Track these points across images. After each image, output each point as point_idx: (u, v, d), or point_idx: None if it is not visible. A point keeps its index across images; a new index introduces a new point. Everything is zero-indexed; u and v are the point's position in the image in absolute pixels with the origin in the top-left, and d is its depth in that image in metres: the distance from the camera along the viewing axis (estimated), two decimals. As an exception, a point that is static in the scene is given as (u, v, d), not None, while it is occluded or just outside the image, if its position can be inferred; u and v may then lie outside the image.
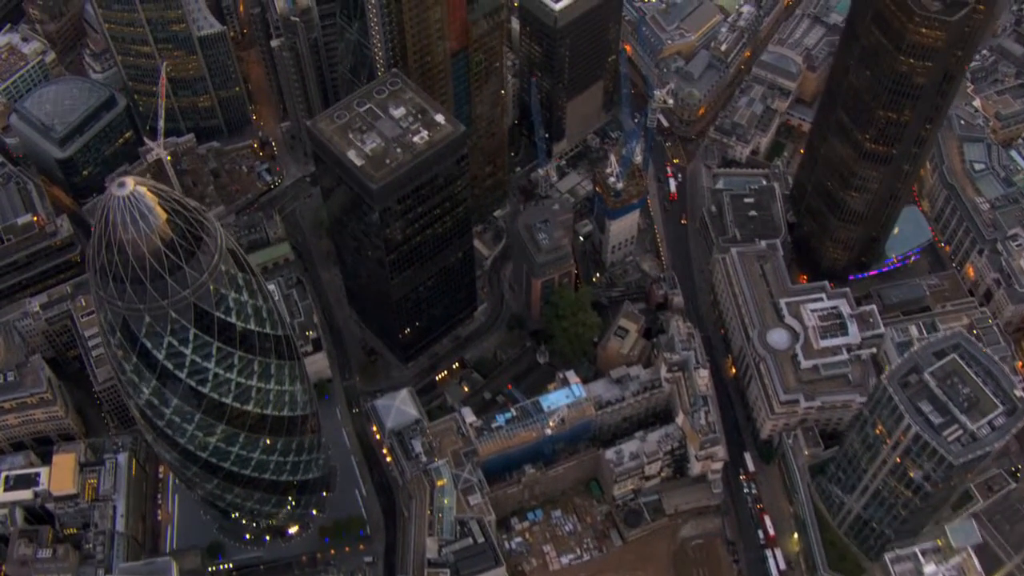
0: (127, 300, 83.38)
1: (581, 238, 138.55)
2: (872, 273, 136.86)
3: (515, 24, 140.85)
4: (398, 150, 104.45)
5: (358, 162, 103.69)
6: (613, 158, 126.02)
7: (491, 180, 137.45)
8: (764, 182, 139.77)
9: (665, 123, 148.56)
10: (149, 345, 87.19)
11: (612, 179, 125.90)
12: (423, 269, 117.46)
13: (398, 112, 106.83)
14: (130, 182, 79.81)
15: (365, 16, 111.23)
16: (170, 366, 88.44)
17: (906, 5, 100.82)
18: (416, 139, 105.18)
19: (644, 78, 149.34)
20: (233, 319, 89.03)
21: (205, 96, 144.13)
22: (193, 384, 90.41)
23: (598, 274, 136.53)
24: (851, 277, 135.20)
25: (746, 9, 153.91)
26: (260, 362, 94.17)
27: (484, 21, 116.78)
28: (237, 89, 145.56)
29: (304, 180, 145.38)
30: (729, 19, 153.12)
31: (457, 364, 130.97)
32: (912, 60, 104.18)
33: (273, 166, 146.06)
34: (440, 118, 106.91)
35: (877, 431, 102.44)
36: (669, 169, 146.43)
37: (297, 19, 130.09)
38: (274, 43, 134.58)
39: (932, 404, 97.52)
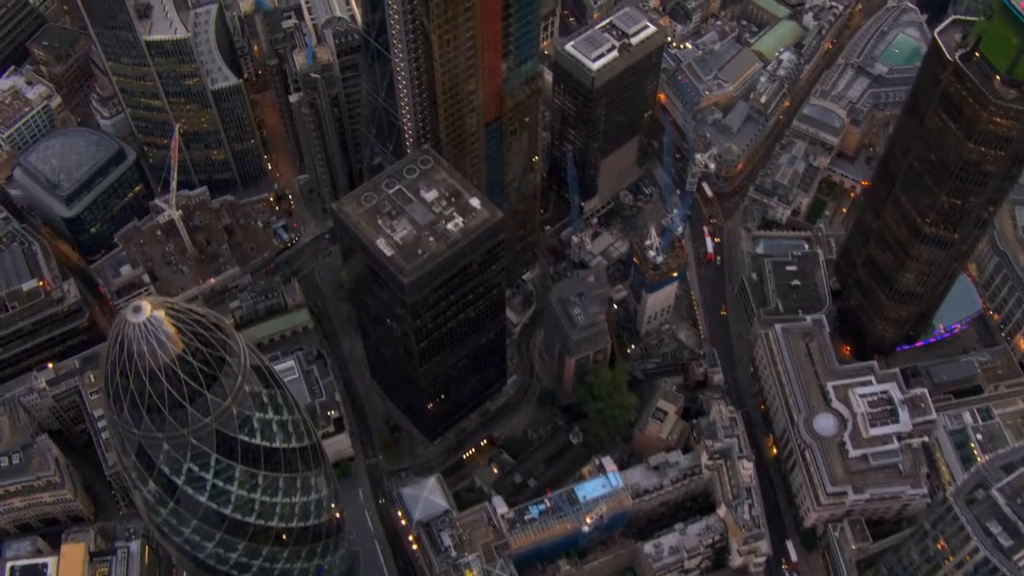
0: (144, 428, 76.98)
1: (615, 305, 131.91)
2: (918, 344, 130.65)
3: (546, 75, 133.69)
4: (431, 239, 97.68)
5: (388, 252, 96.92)
6: (653, 230, 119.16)
7: (521, 243, 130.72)
8: (806, 246, 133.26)
9: (709, 192, 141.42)
10: (167, 471, 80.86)
11: (651, 252, 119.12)
12: (453, 353, 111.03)
13: (430, 195, 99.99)
14: (147, 306, 73.05)
15: (394, 86, 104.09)
16: (190, 491, 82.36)
17: (979, 92, 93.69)
18: (450, 226, 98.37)
19: (681, 132, 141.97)
20: (258, 440, 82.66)
21: (219, 149, 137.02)
22: (214, 506, 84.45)
23: (633, 345, 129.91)
24: (896, 348, 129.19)
25: (786, 57, 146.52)
26: (286, 478, 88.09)
27: (520, 90, 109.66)
28: (252, 142, 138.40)
29: (323, 237, 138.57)
30: (768, 67, 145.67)
31: (485, 441, 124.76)
32: (983, 148, 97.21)
33: (290, 222, 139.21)
34: (475, 202, 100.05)
35: (939, 546, 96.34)
36: (706, 228, 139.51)
37: (318, 75, 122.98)
38: (292, 98, 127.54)
39: (1001, 525, 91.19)
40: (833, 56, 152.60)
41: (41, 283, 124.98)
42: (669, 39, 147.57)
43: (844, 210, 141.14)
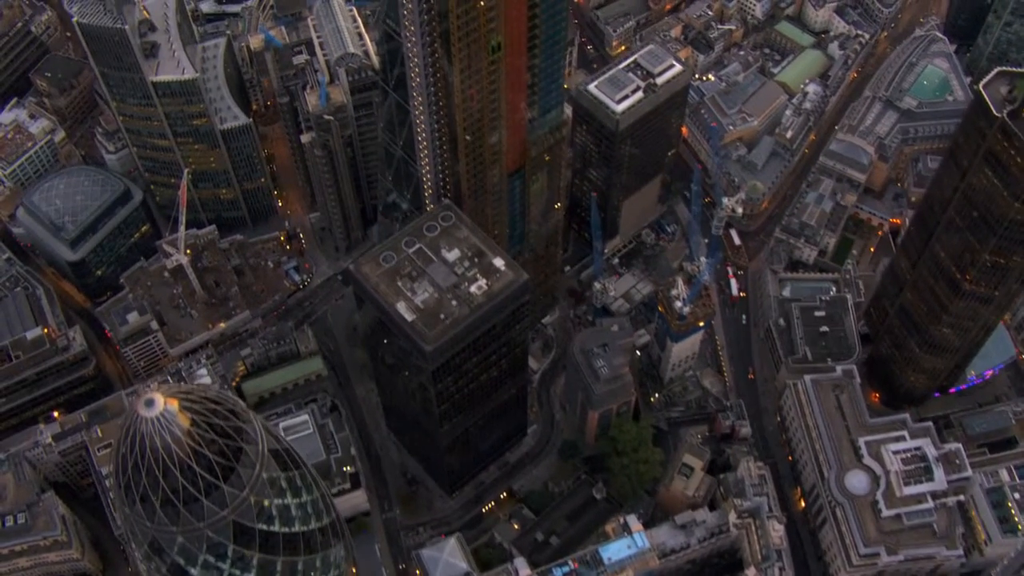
0: (158, 522, 73.24)
1: (637, 351, 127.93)
2: (950, 391, 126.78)
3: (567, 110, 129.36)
4: (453, 303, 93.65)
5: (409, 317, 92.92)
6: (680, 281, 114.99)
7: (541, 287, 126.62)
8: (834, 289, 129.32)
9: (736, 240, 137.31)
10: (182, 561, 77.10)
11: (678, 303, 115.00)
12: (474, 412, 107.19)
13: (452, 255, 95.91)
14: (159, 400, 69.02)
15: (413, 138, 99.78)
16: (205, 580, 78.85)
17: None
18: (473, 289, 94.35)
19: (705, 168, 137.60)
20: (276, 527, 78.91)
21: (228, 188, 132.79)
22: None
23: (656, 394, 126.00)
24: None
25: (811, 89, 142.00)
26: (305, 560, 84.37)
27: (545, 138, 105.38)
28: (263, 180, 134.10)
29: (336, 278, 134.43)
30: (794, 100, 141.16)
31: (505, 494, 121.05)
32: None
33: (302, 262, 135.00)
34: (499, 262, 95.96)
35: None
36: (730, 269, 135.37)
37: (331, 118, 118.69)
38: (305, 138, 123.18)
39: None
40: (859, 86, 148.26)
41: (46, 330, 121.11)
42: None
43: (872, 249, 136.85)
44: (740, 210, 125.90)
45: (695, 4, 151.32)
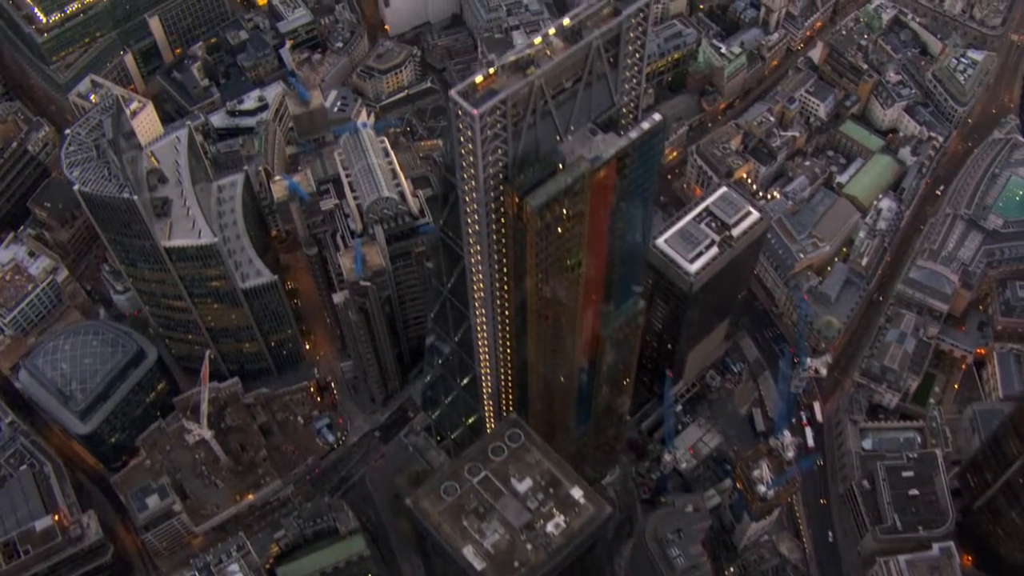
0: None
1: (708, 521, 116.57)
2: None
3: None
4: (528, 546, 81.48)
5: (479, 566, 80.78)
6: (765, 466, 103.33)
7: (603, 445, 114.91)
8: (919, 439, 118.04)
9: (819, 414, 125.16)
10: None
11: (761, 487, 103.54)
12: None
13: (523, 485, 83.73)
14: None
15: (474, 345, 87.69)
16: None
17: None
18: (550, 528, 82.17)
19: (771, 297, 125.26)
20: None
21: (252, 343, 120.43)
22: None
23: (731, 567, 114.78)
24: None
25: (885, 205, 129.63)
26: None
27: (620, 330, 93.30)
28: (290, 331, 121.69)
29: (373, 435, 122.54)
30: (867, 219, 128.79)
31: None
32: None
33: (335, 418, 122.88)
34: (578, 494, 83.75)
35: None
36: (804, 415, 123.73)
37: (368, 283, 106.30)
38: (337, 298, 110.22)
39: None
40: (933, 193, 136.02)
41: (56, 517, 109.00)
42: (754, 186, 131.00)
43: (956, 386, 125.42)
44: (824, 371, 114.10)
45: (754, 107, 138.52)
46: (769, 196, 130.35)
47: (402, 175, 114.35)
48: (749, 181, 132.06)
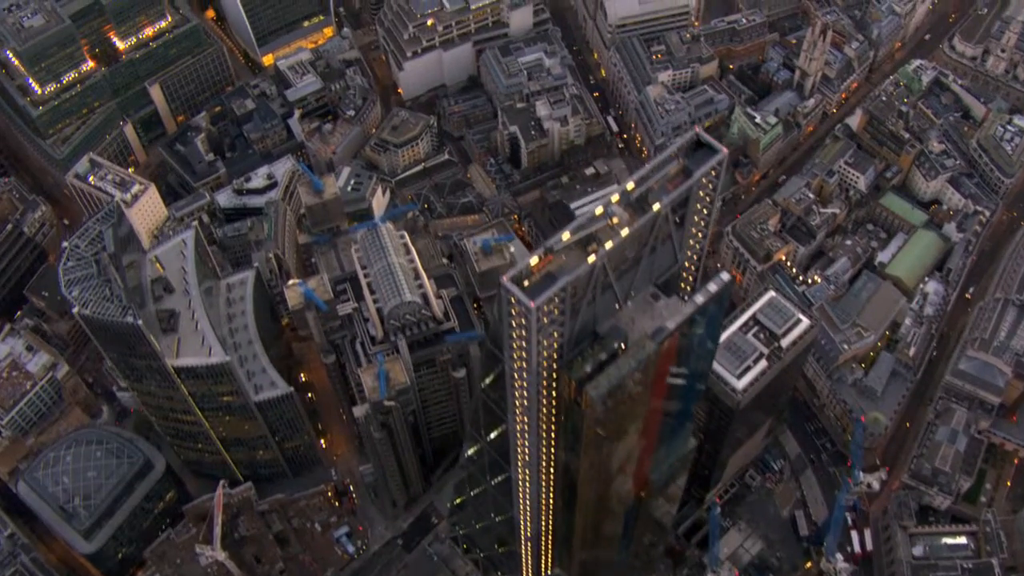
0: None
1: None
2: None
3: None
4: None
5: None
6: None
7: (643, 554, 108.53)
8: (972, 545, 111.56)
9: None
10: None
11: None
12: None
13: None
14: None
15: (514, 494, 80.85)
16: None
17: None
18: None
19: (812, 389, 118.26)
20: None
21: (266, 451, 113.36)
22: None
23: None
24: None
25: (931, 289, 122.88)
26: None
27: (672, 466, 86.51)
28: (306, 437, 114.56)
29: (395, 543, 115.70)
30: (913, 305, 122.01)
31: None
32: None
33: (354, 524, 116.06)
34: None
35: None
36: (850, 518, 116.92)
37: (392, 403, 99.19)
38: (358, 412, 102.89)
39: None
40: (983, 283, 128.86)
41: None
42: (793, 268, 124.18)
43: (1008, 483, 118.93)
44: (877, 487, 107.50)
45: (791, 182, 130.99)
46: (810, 280, 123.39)
47: (424, 276, 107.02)
48: (788, 264, 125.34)
